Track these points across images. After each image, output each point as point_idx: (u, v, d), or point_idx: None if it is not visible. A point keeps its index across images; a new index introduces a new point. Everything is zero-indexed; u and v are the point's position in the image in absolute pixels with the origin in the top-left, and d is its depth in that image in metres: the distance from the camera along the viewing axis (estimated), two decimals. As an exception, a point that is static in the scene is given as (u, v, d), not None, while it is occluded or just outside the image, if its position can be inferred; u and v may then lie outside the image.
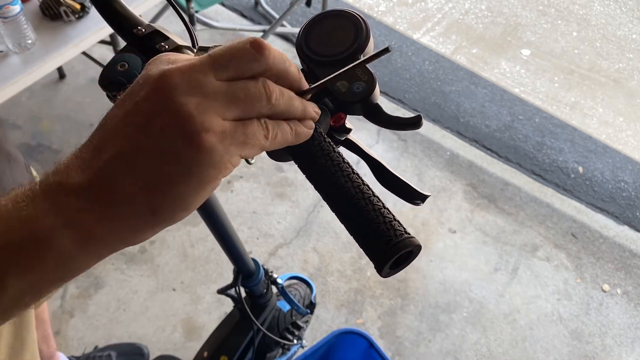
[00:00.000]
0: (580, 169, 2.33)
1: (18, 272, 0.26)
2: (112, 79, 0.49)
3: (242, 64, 0.29)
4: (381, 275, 0.33)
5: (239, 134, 0.29)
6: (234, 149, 0.29)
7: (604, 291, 1.92)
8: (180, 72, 0.28)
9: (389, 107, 2.43)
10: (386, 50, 0.33)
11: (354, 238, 0.34)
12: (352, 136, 0.44)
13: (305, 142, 0.36)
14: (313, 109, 0.35)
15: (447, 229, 2.00)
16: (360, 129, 2.24)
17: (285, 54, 0.32)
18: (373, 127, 2.24)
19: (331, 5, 2.69)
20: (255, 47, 0.30)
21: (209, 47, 0.41)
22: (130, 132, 0.28)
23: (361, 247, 0.34)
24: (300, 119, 0.34)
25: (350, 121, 0.44)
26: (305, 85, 0.34)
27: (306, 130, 0.34)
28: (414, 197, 0.41)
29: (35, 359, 0.76)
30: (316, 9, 2.68)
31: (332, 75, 0.35)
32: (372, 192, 0.34)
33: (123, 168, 0.27)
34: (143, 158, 0.27)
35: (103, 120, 0.30)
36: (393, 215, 0.33)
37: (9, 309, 0.28)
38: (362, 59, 0.35)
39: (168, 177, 0.27)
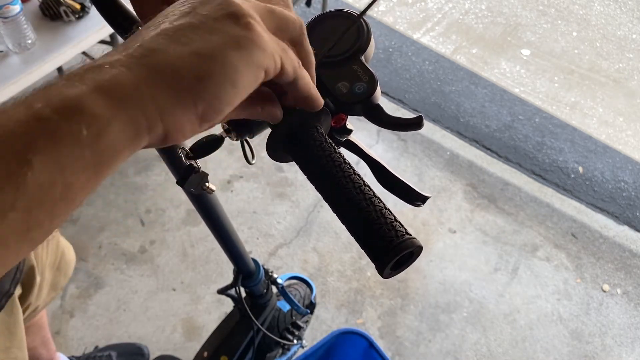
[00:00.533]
0: (580, 169, 2.33)
1: (45, 151, 0.22)
2: None
3: (289, 23, 0.31)
4: (382, 276, 0.33)
5: (280, 40, 0.30)
6: (277, 47, 0.29)
7: (604, 291, 1.92)
8: None
9: (389, 107, 2.43)
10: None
11: (355, 239, 0.34)
12: (352, 137, 0.44)
13: (306, 142, 0.36)
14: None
15: (447, 229, 2.00)
16: (360, 129, 2.24)
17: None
18: (373, 127, 2.24)
19: (331, 5, 2.69)
20: (302, 24, 0.33)
21: None
22: (175, 17, 0.27)
23: (362, 248, 0.34)
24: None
25: (350, 121, 0.44)
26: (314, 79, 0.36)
27: (320, 99, 0.35)
28: (414, 198, 0.41)
29: (23, 354, 0.76)
30: (316, 9, 2.68)
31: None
32: (373, 192, 0.34)
33: (169, 39, 0.26)
34: (192, 31, 0.26)
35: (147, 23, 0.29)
36: (394, 216, 0.33)
37: (33, 199, 0.22)
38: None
39: (217, 46, 0.26)
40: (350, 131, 0.44)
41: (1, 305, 0.68)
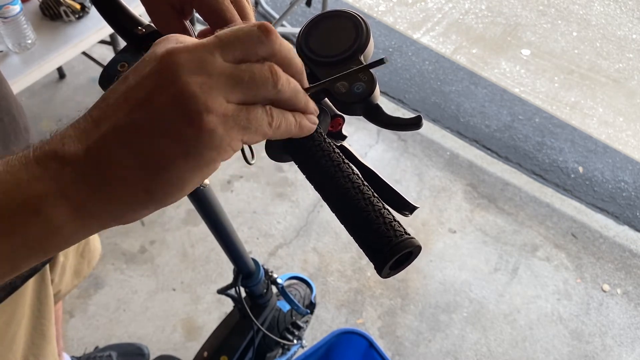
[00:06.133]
0: (580, 169, 2.33)
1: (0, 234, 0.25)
2: (112, 79, 0.49)
3: (249, 45, 0.29)
4: (381, 276, 0.33)
5: (242, 118, 0.28)
6: (236, 132, 0.28)
7: (604, 291, 1.92)
8: (186, 51, 0.27)
9: (389, 107, 2.43)
10: (381, 62, 0.33)
11: (354, 239, 0.34)
12: (346, 143, 0.44)
13: (305, 142, 0.36)
14: (313, 106, 0.35)
15: (447, 229, 2.00)
16: (360, 129, 2.24)
17: (291, 44, 0.32)
18: (373, 127, 2.24)
19: (331, 5, 2.69)
20: (263, 30, 0.29)
21: None
22: (130, 107, 0.27)
23: (361, 248, 0.34)
24: (303, 112, 0.33)
25: (350, 121, 0.44)
26: (306, 83, 0.34)
27: (309, 124, 0.34)
28: (403, 207, 0.41)
29: (54, 353, 0.76)
30: (316, 9, 2.68)
31: (331, 78, 0.35)
32: (372, 192, 0.34)
33: (121, 143, 0.27)
34: (142, 134, 0.27)
35: (104, 95, 0.29)
36: (393, 216, 0.33)
37: None
38: (358, 67, 0.35)
39: (166, 156, 0.27)
40: (344, 137, 0.44)
41: (37, 267, 0.68)
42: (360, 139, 2.21)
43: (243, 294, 1.08)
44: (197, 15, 0.46)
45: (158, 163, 0.27)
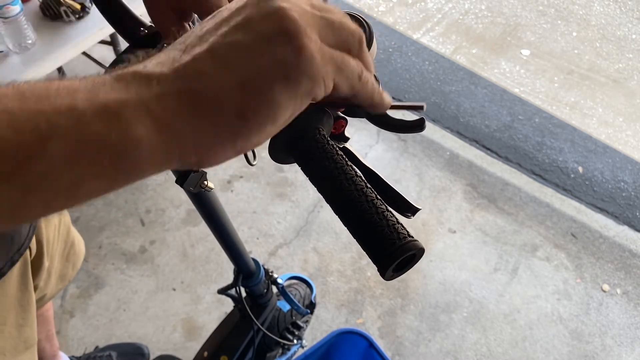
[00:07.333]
0: (580, 169, 2.33)
1: (64, 138, 0.22)
2: None
3: (348, 35, 0.30)
4: (384, 279, 0.33)
5: (337, 58, 0.28)
6: (331, 68, 0.28)
7: (604, 291, 1.92)
8: None
9: (389, 107, 2.43)
10: (421, 108, 0.36)
11: (357, 241, 0.34)
12: (348, 145, 0.44)
13: (308, 144, 0.36)
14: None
15: (447, 229, 2.00)
16: (360, 129, 2.24)
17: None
18: (373, 127, 2.24)
19: (331, 6, 2.69)
20: (359, 40, 0.30)
21: None
22: (229, 28, 0.26)
23: (364, 250, 0.33)
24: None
25: (350, 121, 0.44)
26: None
27: (389, 99, 0.34)
28: (405, 209, 0.41)
29: (33, 335, 0.76)
30: (316, 9, 2.68)
31: (399, 105, 0.37)
32: (376, 195, 0.34)
33: (218, 62, 0.25)
34: (242, 53, 0.25)
35: (187, 34, 0.27)
36: (396, 219, 0.33)
37: (41, 182, 0.22)
38: (406, 104, 0.38)
39: (265, 76, 0.25)
40: (347, 139, 0.44)
41: (15, 260, 0.67)
42: (361, 139, 2.21)
43: (243, 294, 1.08)
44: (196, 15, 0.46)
45: (256, 83, 0.25)
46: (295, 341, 1.25)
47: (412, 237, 0.32)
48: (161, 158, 0.25)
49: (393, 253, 0.32)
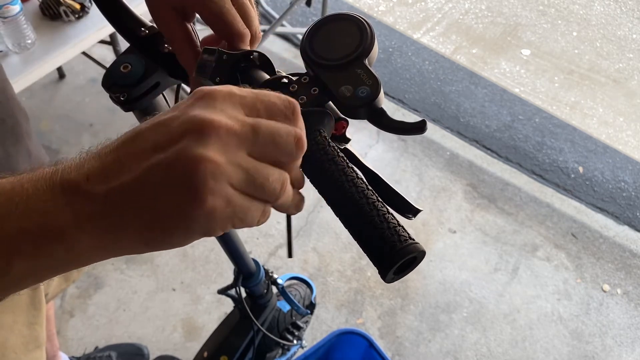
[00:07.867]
0: (580, 169, 2.33)
1: (26, 257, 0.29)
2: (114, 81, 0.49)
3: (280, 149, 0.31)
4: (385, 281, 0.33)
5: (241, 210, 0.30)
6: (230, 220, 0.30)
7: (604, 291, 1.92)
8: (218, 128, 0.29)
9: (389, 108, 2.43)
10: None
11: (358, 243, 0.34)
12: (349, 146, 0.44)
13: (309, 146, 0.36)
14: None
15: (447, 229, 2.00)
16: (360, 130, 2.23)
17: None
18: (373, 128, 2.23)
19: (331, 5, 2.69)
20: (297, 144, 0.32)
21: (214, 49, 0.41)
22: (152, 165, 0.29)
23: (365, 252, 0.33)
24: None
25: (350, 121, 0.44)
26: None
27: (297, 207, 0.37)
28: (407, 210, 0.41)
29: (43, 334, 0.77)
30: (316, 8, 2.68)
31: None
32: (377, 197, 0.34)
33: (136, 199, 0.29)
34: (155, 198, 0.29)
35: (133, 134, 0.30)
36: (397, 221, 0.33)
37: (10, 287, 0.30)
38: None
39: (166, 223, 0.29)
40: (348, 140, 0.44)
41: None
42: (361, 139, 2.21)
43: (243, 294, 1.08)
44: (197, 15, 0.46)
45: (159, 226, 0.29)
46: (295, 341, 1.24)
47: (413, 239, 0.32)
48: (98, 259, 0.31)
49: (394, 256, 0.31)
